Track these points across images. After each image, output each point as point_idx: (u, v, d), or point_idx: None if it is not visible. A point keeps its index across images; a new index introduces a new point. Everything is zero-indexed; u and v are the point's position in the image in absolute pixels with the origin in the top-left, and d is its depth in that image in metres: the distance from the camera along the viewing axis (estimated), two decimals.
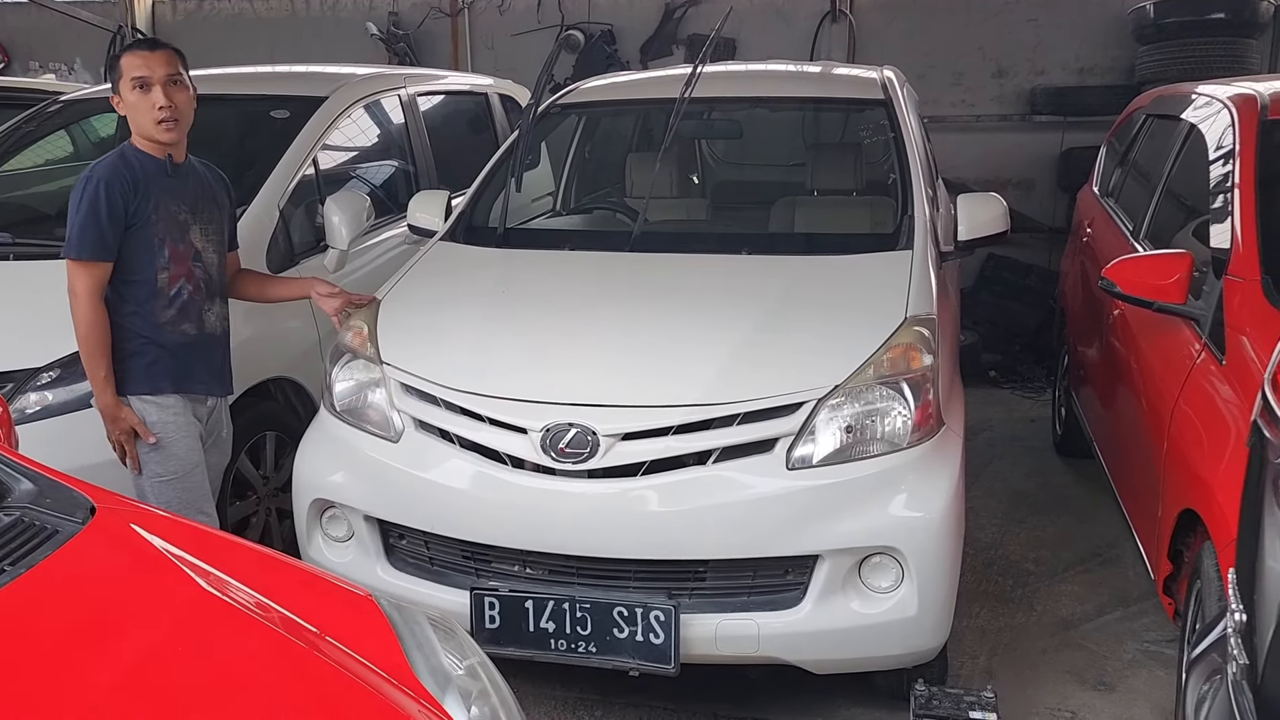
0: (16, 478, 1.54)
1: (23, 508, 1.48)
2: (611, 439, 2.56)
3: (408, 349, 2.91)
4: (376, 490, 2.80)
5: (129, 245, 2.81)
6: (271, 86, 4.79)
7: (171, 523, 1.57)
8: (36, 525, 1.44)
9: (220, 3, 8.99)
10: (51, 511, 1.48)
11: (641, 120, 4.70)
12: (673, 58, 7.72)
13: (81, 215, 2.76)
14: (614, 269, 3.28)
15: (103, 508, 1.52)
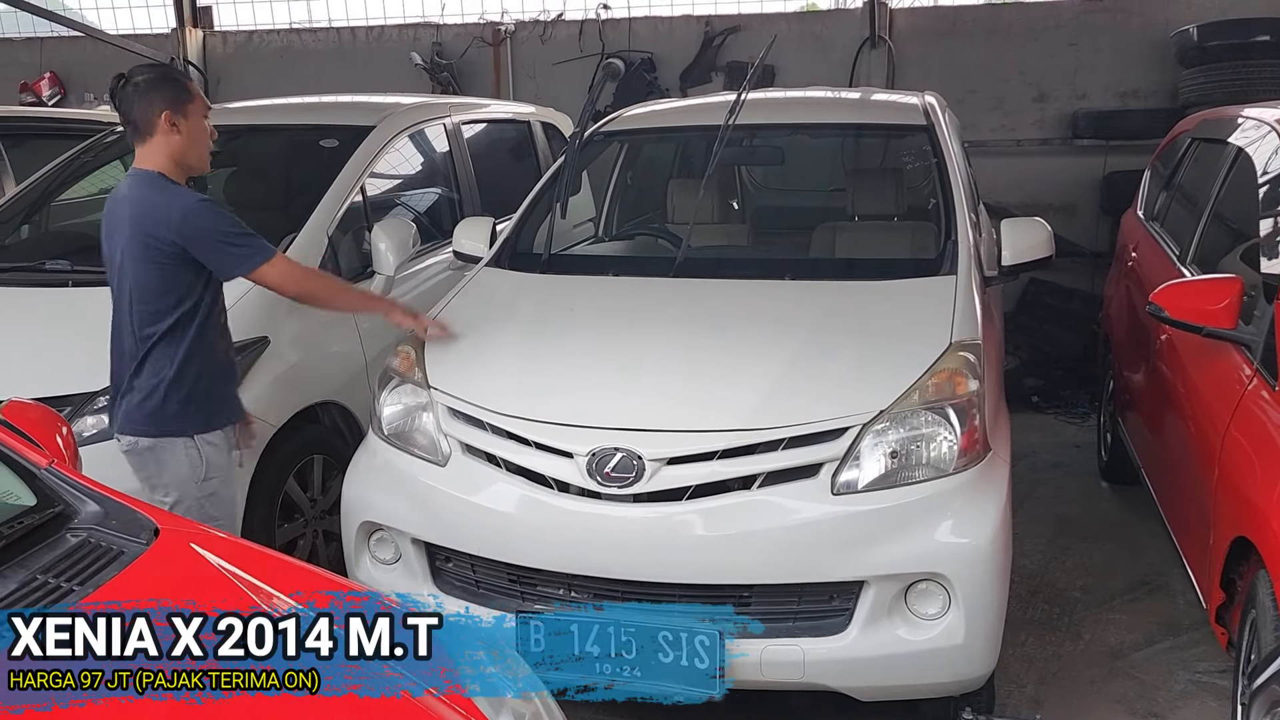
0: (84, 500, 1.59)
1: (90, 529, 1.53)
2: (657, 463, 2.57)
3: (455, 373, 2.95)
4: (424, 513, 2.83)
5: (191, 272, 2.80)
6: (320, 116, 4.89)
7: (233, 544, 1.61)
8: (103, 546, 1.48)
9: (270, 35, 9.19)
10: (117, 533, 1.52)
11: (683, 147, 4.74)
12: (711, 85, 7.77)
13: (232, 225, 2.77)
14: (658, 294, 3.30)
15: (166, 529, 1.56)
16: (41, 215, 4.58)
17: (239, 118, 5.18)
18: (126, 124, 2.78)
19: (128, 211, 2.75)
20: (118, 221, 2.79)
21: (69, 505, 1.57)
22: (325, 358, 3.83)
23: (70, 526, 1.53)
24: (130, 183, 2.79)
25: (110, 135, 4.77)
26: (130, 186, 2.79)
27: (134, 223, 2.73)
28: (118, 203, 2.82)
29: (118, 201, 2.82)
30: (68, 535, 1.50)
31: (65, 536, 1.50)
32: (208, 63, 9.23)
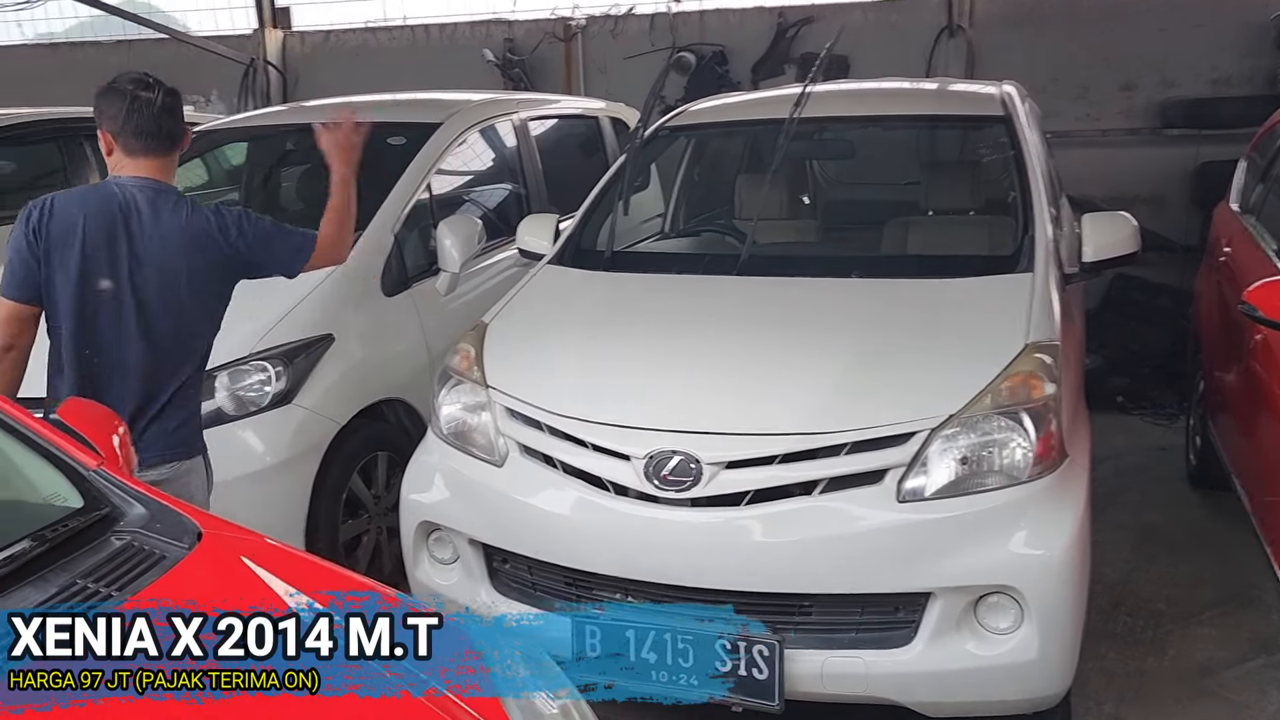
0: (130, 502, 1.59)
1: (134, 532, 1.52)
2: (715, 467, 2.50)
3: (513, 373, 2.92)
4: (481, 514, 2.81)
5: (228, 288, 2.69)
6: (388, 114, 4.90)
7: (277, 550, 1.59)
8: (145, 550, 1.48)
9: (346, 35, 9.32)
10: (161, 536, 1.51)
11: (751, 141, 4.65)
12: (785, 77, 7.64)
13: (274, 224, 2.68)
14: (720, 293, 3.23)
15: (209, 533, 1.55)
16: None
17: (310, 116, 5.24)
18: (153, 134, 2.49)
19: (168, 226, 2.49)
20: (154, 229, 2.49)
21: (115, 508, 1.57)
22: (389, 354, 3.85)
23: (115, 529, 1.53)
24: (158, 194, 2.50)
25: None
26: (159, 197, 2.50)
27: (185, 239, 2.50)
28: (135, 212, 2.48)
29: (133, 209, 2.48)
30: (112, 538, 1.50)
31: (110, 539, 1.50)
32: (286, 62, 9.41)
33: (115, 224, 2.46)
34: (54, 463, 1.61)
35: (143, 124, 2.48)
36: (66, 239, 2.44)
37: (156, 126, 2.50)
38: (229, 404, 3.35)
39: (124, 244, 2.46)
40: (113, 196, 2.48)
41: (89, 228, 2.44)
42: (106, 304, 2.47)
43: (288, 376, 3.43)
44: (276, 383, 3.41)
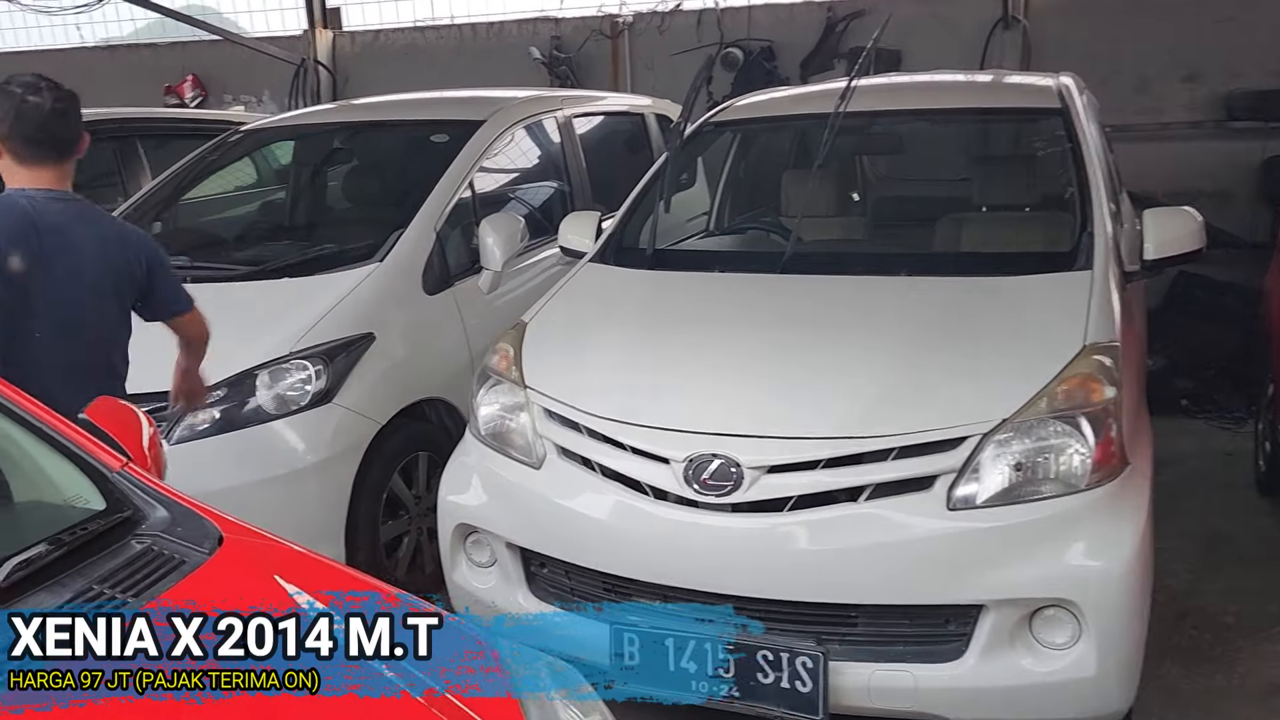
0: (153, 505, 1.56)
1: (154, 536, 1.49)
2: (756, 471, 2.42)
3: (552, 373, 2.87)
4: (518, 517, 2.75)
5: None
6: (431, 111, 4.90)
7: (298, 556, 1.55)
8: (165, 555, 1.44)
9: (394, 34, 9.37)
10: (181, 540, 1.48)
11: (798, 137, 4.56)
12: (834, 72, 7.52)
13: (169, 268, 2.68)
14: (764, 291, 3.15)
15: (230, 538, 1.51)
16: (170, 212, 4.71)
17: (354, 114, 5.25)
18: (42, 141, 2.38)
19: (83, 236, 2.42)
20: (66, 247, 2.41)
21: (137, 510, 1.54)
22: (430, 353, 3.81)
23: (136, 533, 1.50)
24: (66, 205, 2.44)
25: (234, 135, 4.89)
26: (69, 208, 2.44)
27: (101, 248, 2.45)
28: (50, 225, 2.40)
29: (47, 223, 2.40)
30: (132, 542, 1.47)
31: (130, 543, 1.47)
32: (336, 62, 9.48)
33: (30, 238, 2.36)
34: (78, 464, 1.58)
35: (29, 130, 2.36)
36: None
37: (46, 133, 2.37)
38: (269, 403, 3.34)
39: (40, 258, 2.37)
40: (23, 211, 2.37)
41: (2, 244, 2.34)
42: (29, 320, 2.39)
43: (328, 375, 3.41)
44: (316, 381, 3.39)
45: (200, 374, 2.84)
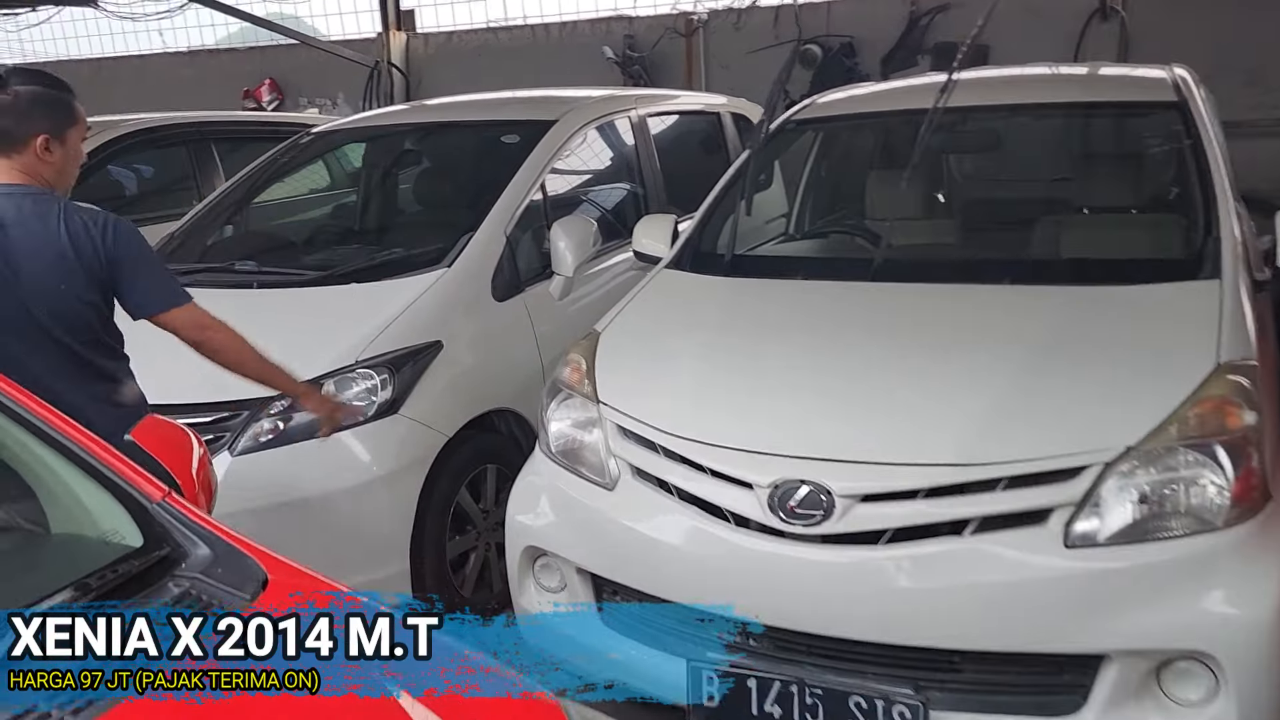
0: (195, 542, 1.42)
1: (193, 578, 1.36)
2: (849, 500, 2.22)
3: (626, 387, 2.70)
4: (589, 541, 2.59)
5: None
6: (502, 112, 4.78)
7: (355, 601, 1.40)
8: (203, 600, 1.30)
9: (467, 35, 9.34)
10: (221, 584, 1.34)
11: (884, 134, 4.32)
12: (917, 69, 7.24)
13: (160, 263, 2.52)
14: (853, 301, 2.93)
15: (276, 580, 1.37)
16: (242, 216, 4.66)
17: (424, 115, 5.16)
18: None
19: (38, 230, 2.33)
20: (13, 242, 2.32)
21: (177, 548, 1.41)
22: (500, 362, 3.68)
23: (174, 574, 1.36)
24: (10, 199, 2.35)
25: (304, 137, 4.83)
26: (14, 202, 2.35)
27: (58, 243, 2.33)
28: (10, 220, 2.33)
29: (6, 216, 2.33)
30: (170, 584, 1.34)
31: (167, 585, 1.34)
32: (409, 64, 9.47)
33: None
34: (116, 494, 1.45)
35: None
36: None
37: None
38: None
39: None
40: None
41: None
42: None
43: (394, 385, 3.29)
44: (382, 391, 3.27)
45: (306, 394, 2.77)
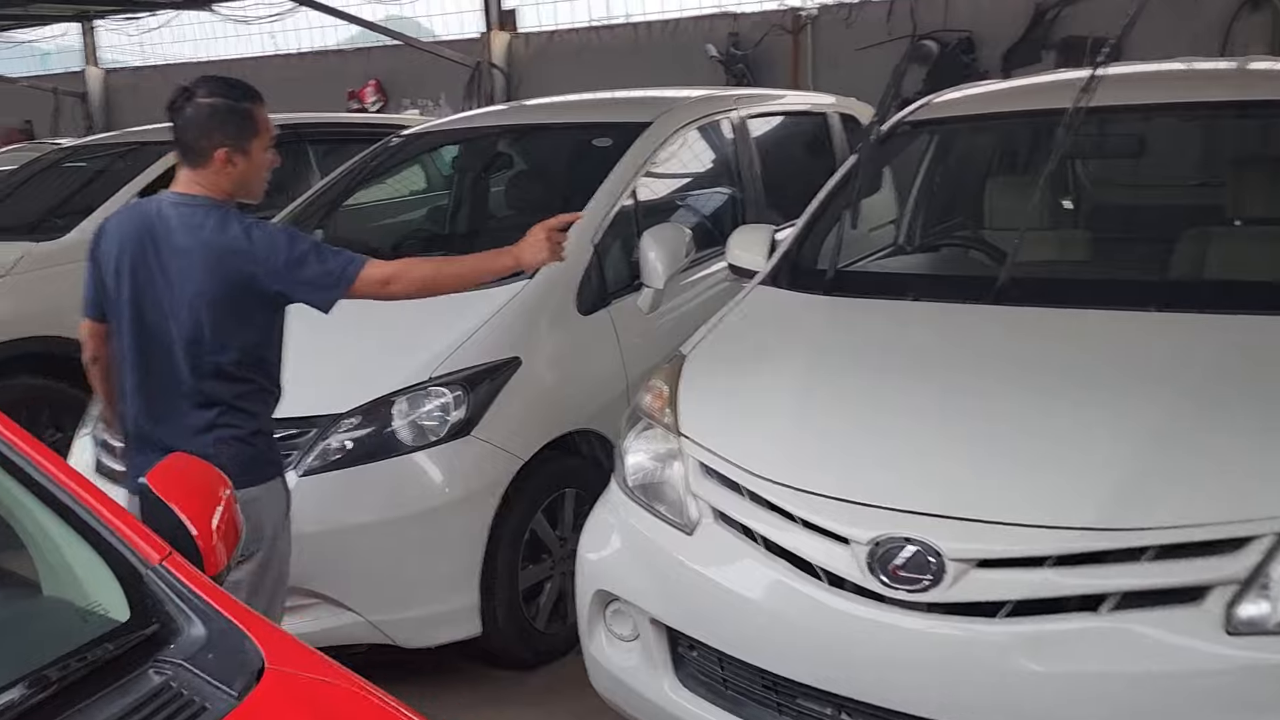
0: (189, 617, 1.22)
1: (177, 665, 1.15)
2: (962, 564, 1.92)
3: (711, 419, 2.44)
4: (664, 590, 2.34)
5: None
6: (595, 114, 4.57)
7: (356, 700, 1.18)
8: (184, 697, 1.10)
9: (569, 35, 9.19)
10: (208, 676, 1.13)
11: (1009, 138, 3.95)
12: (1041, 65, 6.77)
13: (311, 243, 2.41)
14: (972, 327, 2.60)
15: (273, 669, 1.16)
16: (331, 220, 4.56)
17: (515, 118, 4.99)
18: (179, 145, 2.39)
19: (190, 242, 2.33)
20: (172, 249, 2.34)
21: (168, 624, 1.22)
22: (583, 381, 3.46)
23: (158, 658, 1.16)
24: (180, 209, 2.38)
25: (393, 140, 4.70)
26: (184, 213, 2.37)
27: (208, 255, 2.33)
28: (163, 229, 2.36)
29: (161, 226, 2.36)
30: (150, 673, 1.14)
31: (148, 674, 1.15)
32: (511, 64, 9.37)
33: (145, 243, 2.38)
34: (107, 556, 1.27)
35: (174, 134, 2.40)
36: (113, 261, 2.40)
37: (173, 135, 2.40)
38: (406, 432, 3.06)
39: (154, 263, 2.37)
40: (145, 214, 2.41)
41: (126, 248, 2.39)
42: (151, 326, 2.38)
43: (468, 404, 3.11)
44: (456, 411, 3.09)
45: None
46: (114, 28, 12.24)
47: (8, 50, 13.16)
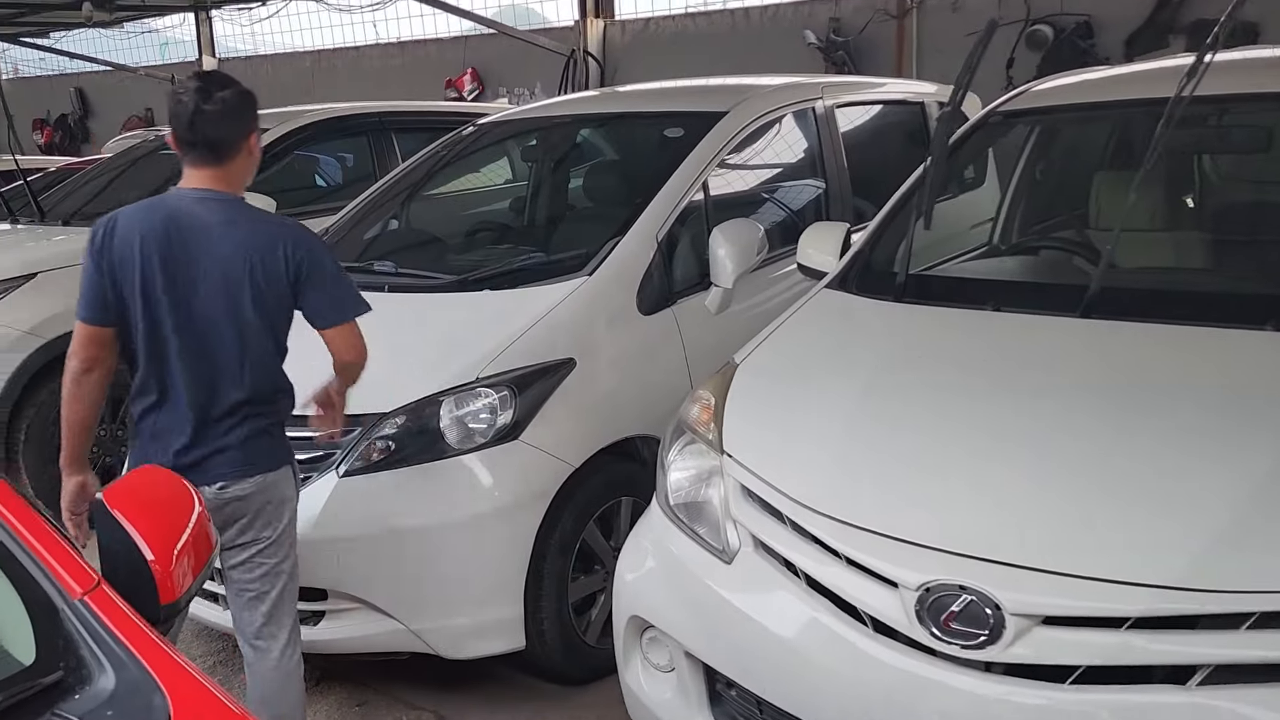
0: (100, 664, 1.09)
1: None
2: (1025, 620, 1.67)
3: (756, 437, 2.22)
4: (700, 622, 2.14)
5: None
6: (668, 103, 4.37)
7: None
8: None
9: (665, 22, 9.00)
10: None
11: (1120, 129, 3.59)
12: (1168, 51, 6.28)
13: (335, 268, 2.47)
14: (1059, 344, 2.30)
15: None
16: (403, 212, 4.48)
17: (588, 107, 4.81)
18: (191, 143, 2.35)
19: (219, 239, 2.34)
20: (206, 243, 2.33)
21: (75, 670, 1.08)
22: (642, 383, 3.28)
23: (56, 710, 1.03)
24: (210, 205, 2.38)
25: (466, 130, 4.59)
26: (213, 208, 2.37)
27: (237, 252, 2.35)
28: (189, 225, 2.35)
29: (186, 223, 2.35)
30: None
31: None
32: (606, 52, 9.23)
33: (168, 239, 2.32)
34: (22, 588, 1.14)
35: (180, 130, 2.35)
36: (127, 259, 2.31)
37: (195, 134, 2.33)
38: (452, 433, 2.93)
39: (178, 260, 2.32)
40: (167, 210, 2.35)
41: (145, 245, 2.31)
42: (201, 320, 2.35)
43: (516, 407, 2.96)
44: (502, 413, 2.95)
45: (338, 397, 2.63)
46: (227, 17, 12.57)
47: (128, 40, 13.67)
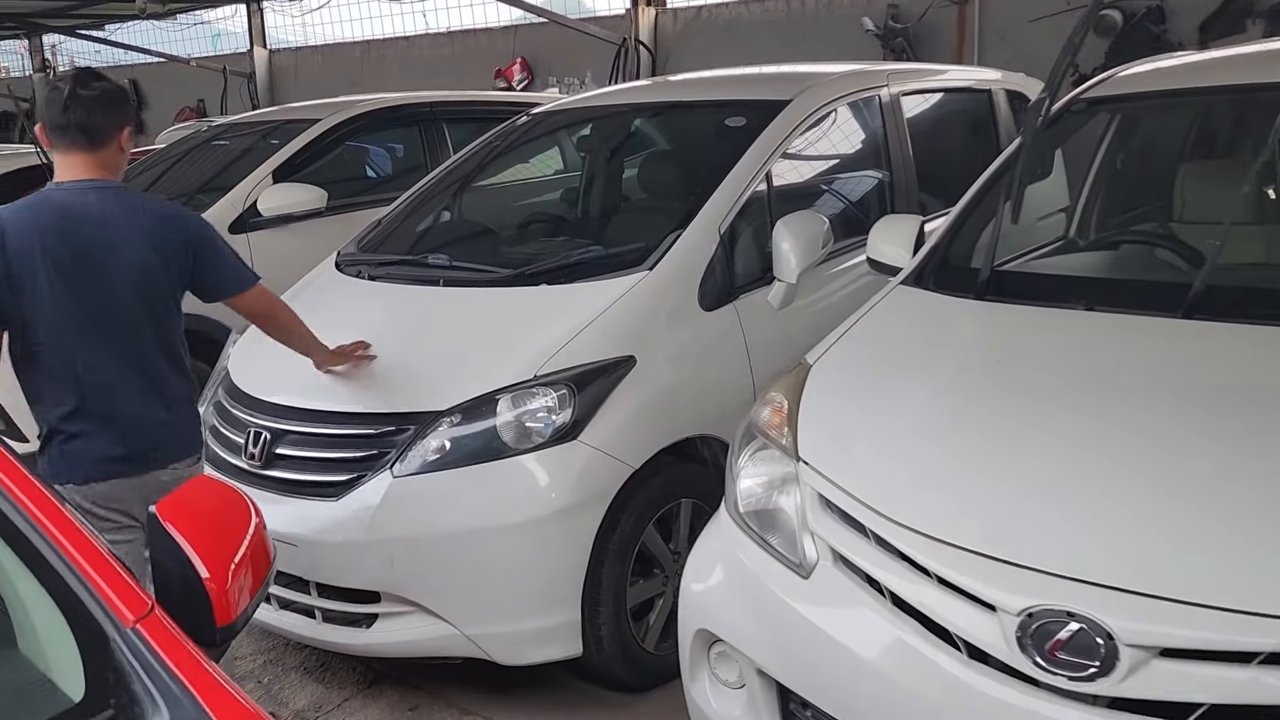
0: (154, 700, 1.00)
1: None
2: (1140, 651, 1.54)
3: (835, 444, 2.10)
4: (773, 638, 2.03)
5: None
6: (729, 91, 4.24)
7: None
8: None
9: (717, 10, 8.84)
10: None
11: (1204, 117, 3.40)
12: (1245, 37, 6.03)
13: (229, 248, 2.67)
14: (1162, 346, 2.15)
15: None
16: (455, 203, 4.39)
17: (644, 96, 4.69)
18: (64, 129, 2.43)
19: (120, 225, 2.45)
20: (111, 233, 2.43)
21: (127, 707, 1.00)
22: (703, 382, 3.17)
23: None
24: (100, 193, 2.46)
25: (519, 119, 4.49)
26: (103, 196, 2.46)
27: (140, 234, 2.47)
28: (98, 214, 2.44)
29: (80, 210, 2.43)
30: None
31: None
32: (658, 40, 9.10)
33: (65, 232, 2.38)
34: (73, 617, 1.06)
35: (54, 116, 2.43)
36: (27, 257, 2.35)
37: (69, 119, 2.42)
38: (509, 432, 2.84)
39: (89, 249, 2.39)
40: (57, 205, 2.42)
41: (41, 242, 2.36)
42: (102, 311, 2.42)
43: (575, 406, 2.86)
44: (560, 413, 2.86)
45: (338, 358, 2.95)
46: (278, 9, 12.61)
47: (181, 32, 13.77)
